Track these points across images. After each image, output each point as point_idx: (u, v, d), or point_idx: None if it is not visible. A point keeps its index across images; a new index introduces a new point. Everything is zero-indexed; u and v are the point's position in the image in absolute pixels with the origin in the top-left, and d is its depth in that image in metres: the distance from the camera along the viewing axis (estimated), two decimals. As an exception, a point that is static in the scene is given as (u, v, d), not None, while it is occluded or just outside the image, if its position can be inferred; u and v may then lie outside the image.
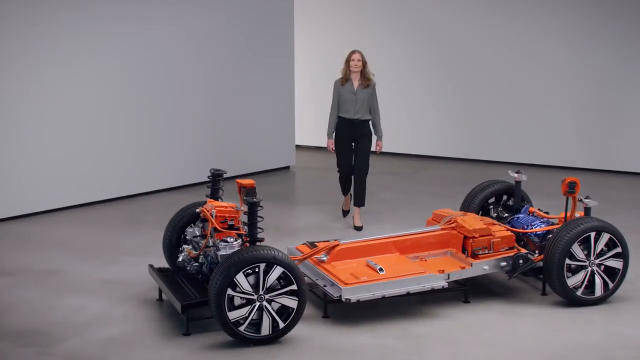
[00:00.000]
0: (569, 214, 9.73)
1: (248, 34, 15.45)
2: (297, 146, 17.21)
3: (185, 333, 8.57)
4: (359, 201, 12.26)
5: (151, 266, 9.59)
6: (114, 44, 13.65)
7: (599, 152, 16.23)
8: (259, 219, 8.66)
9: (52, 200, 13.16)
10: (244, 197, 8.87)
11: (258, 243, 8.62)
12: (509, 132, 16.93)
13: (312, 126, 17.84)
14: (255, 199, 8.62)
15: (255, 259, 8.19)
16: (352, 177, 12.26)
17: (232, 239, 8.74)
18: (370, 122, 12.08)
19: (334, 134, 12.12)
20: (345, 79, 11.99)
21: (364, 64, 11.92)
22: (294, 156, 16.61)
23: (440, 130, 17.58)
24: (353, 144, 12.13)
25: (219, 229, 8.88)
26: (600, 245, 9.31)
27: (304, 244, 9.94)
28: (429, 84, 17.55)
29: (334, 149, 12.15)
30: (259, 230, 8.67)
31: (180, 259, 9.26)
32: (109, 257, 11.10)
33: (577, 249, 9.20)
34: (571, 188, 9.58)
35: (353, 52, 11.98)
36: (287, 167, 16.48)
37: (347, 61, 11.96)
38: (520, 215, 10.25)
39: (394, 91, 17.15)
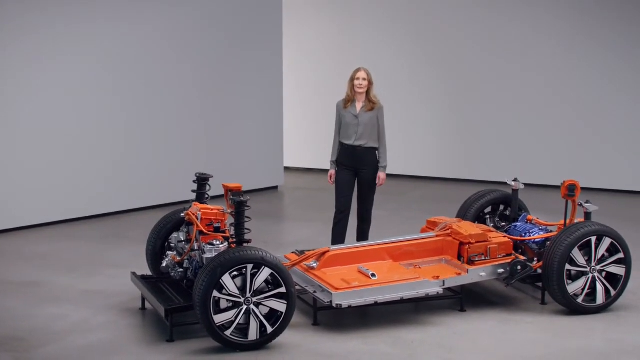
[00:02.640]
0: (568, 219, 9.68)
1: (237, 55, 15.48)
2: (286, 168, 17.21)
3: (169, 339, 8.46)
4: (363, 240, 10.85)
5: (134, 274, 9.51)
6: (102, 51, 13.70)
7: (602, 171, 16.21)
8: (246, 219, 8.58)
9: (29, 216, 13.11)
10: (231, 197, 8.78)
11: (245, 244, 8.53)
12: (508, 152, 16.93)
13: (300, 148, 17.90)
14: (242, 198, 8.55)
15: (243, 259, 8.11)
16: (348, 217, 10.92)
17: (218, 242, 8.67)
18: (376, 152, 10.78)
19: (335, 163, 10.89)
20: (348, 101, 10.75)
21: (370, 83, 10.71)
22: (282, 176, 16.62)
23: (435, 150, 17.59)
24: (356, 176, 10.83)
25: (205, 231, 8.79)
26: (602, 250, 9.25)
27: (292, 252, 9.89)
28: (424, 102, 17.58)
29: (333, 181, 10.93)
30: (246, 231, 8.59)
31: (164, 264, 9.15)
32: (90, 269, 11.02)
33: (577, 254, 9.13)
34: (570, 191, 9.53)
35: (358, 69, 10.70)
36: (276, 187, 16.47)
37: (351, 80, 10.68)
38: (518, 224, 10.20)
39: (387, 109, 17.10)
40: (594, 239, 9.19)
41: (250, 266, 8.13)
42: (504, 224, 10.52)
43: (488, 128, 17.11)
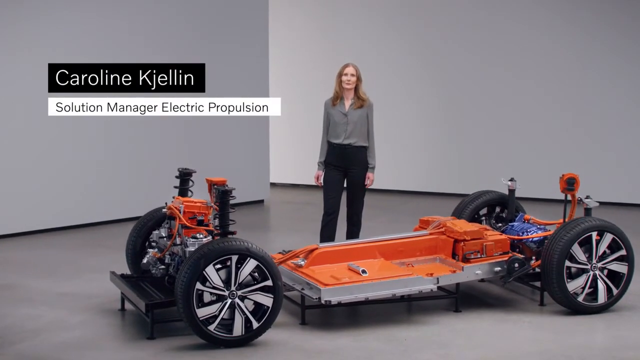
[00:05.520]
0: (568, 215, 9.54)
1: (223, 68, 15.40)
2: (272, 184, 17.11)
3: (150, 337, 8.27)
4: None
5: (113, 273, 9.33)
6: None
7: (603, 184, 16.08)
8: (231, 210, 8.43)
9: (4, 225, 12.92)
10: (215, 187, 8.63)
11: (230, 236, 8.37)
12: (504, 166, 16.79)
13: (286, 164, 17.80)
14: (227, 187, 8.41)
15: (227, 250, 7.96)
16: (337, 219, 10.73)
17: (201, 236, 8.51)
18: (366, 150, 10.61)
19: (324, 164, 10.71)
20: (336, 98, 10.57)
21: (359, 79, 10.50)
22: (268, 190, 16.57)
23: (427, 164, 17.44)
24: (345, 176, 10.68)
25: (188, 225, 8.63)
26: (603, 247, 9.09)
27: (279, 252, 9.73)
28: (416, 114, 17.46)
29: (321, 182, 10.76)
30: (230, 222, 8.43)
31: (145, 260, 8.95)
32: (68, 274, 10.86)
33: (577, 251, 8.97)
34: (570, 185, 9.41)
35: (346, 65, 10.52)
36: (262, 201, 16.36)
37: (339, 75, 10.51)
38: (515, 223, 10.06)
39: (377, 120, 17.01)
40: (594, 234, 9.04)
41: (235, 257, 7.98)
42: (500, 224, 10.38)
43: (482, 141, 16.96)
